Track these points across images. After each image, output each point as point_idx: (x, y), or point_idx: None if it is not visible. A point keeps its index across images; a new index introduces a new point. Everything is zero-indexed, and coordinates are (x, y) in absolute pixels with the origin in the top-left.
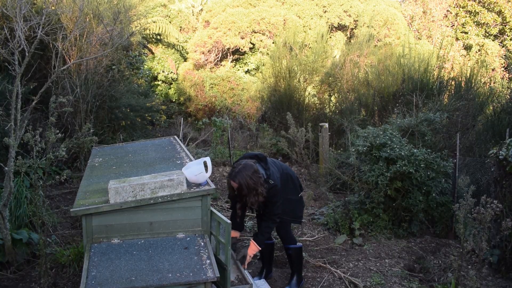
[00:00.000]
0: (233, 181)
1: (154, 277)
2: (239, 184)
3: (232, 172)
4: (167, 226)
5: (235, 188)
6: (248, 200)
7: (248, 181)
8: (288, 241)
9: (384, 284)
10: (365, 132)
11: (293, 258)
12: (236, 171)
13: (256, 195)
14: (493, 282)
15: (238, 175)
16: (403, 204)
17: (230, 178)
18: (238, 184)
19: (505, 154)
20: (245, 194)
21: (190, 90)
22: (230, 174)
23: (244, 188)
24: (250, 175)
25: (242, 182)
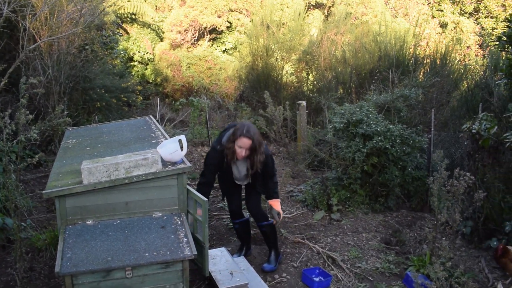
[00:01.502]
0: (249, 138)
1: (131, 257)
2: (254, 140)
3: (242, 130)
4: (143, 205)
5: (248, 146)
6: (256, 158)
7: (258, 137)
8: (260, 219)
9: (361, 258)
10: (342, 109)
11: (268, 235)
12: (247, 129)
13: (261, 153)
14: (466, 253)
15: (251, 131)
16: (380, 179)
17: (245, 135)
18: (252, 140)
19: (477, 128)
20: (256, 151)
21: (166, 70)
22: (242, 132)
23: (256, 144)
24: (258, 132)
25: (255, 138)
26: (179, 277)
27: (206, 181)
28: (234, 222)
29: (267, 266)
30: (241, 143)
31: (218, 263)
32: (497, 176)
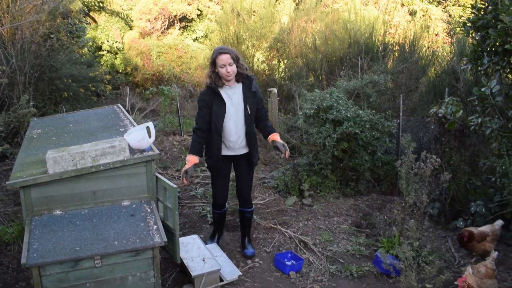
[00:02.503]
0: (225, 53)
1: (100, 246)
2: (230, 52)
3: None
4: (111, 194)
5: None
6: (241, 67)
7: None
8: (249, 205)
9: (333, 241)
10: (312, 96)
11: (248, 221)
12: (220, 47)
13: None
14: (434, 233)
15: (225, 47)
16: (350, 164)
17: (220, 52)
18: (229, 52)
19: (444, 112)
20: (237, 60)
21: (136, 59)
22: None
23: (235, 54)
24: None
25: (232, 50)
26: (149, 264)
27: (198, 127)
28: (216, 211)
29: (249, 251)
30: (221, 61)
31: (190, 250)
32: (463, 159)
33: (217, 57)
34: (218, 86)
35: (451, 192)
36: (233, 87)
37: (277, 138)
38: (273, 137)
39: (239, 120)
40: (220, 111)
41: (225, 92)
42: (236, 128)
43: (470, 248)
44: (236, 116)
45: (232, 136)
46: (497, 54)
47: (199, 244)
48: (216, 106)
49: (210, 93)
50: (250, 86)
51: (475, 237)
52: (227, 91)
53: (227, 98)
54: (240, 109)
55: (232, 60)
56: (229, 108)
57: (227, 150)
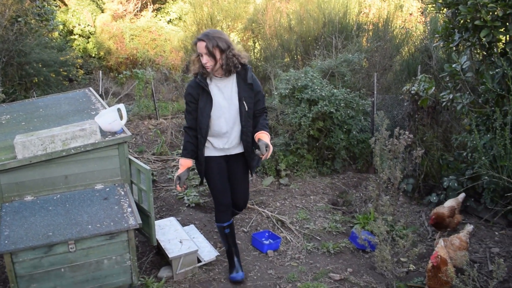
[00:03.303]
0: (201, 40)
1: (73, 230)
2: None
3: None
4: (83, 178)
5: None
6: (230, 56)
7: (215, 36)
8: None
9: (310, 219)
10: (287, 76)
11: None
12: (203, 32)
13: (232, 54)
14: (409, 209)
15: (205, 33)
16: (326, 143)
17: (197, 39)
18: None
19: (416, 89)
20: (220, 50)
21: (109, 43)
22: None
23: (214, 44)
24: (219, 33)
25: (209, 37)
26: (125, 247)
27: (187, 126)
28: (224, 225)
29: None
30: (198, 49)
31: (167, 232)
32: (436, 135)
33: (195, 44)
34: (205, 77)
35: (425, 168)
36: (224, 78)
37: (264, 137)
38: (260, 135)
39: (232, 117)
40: (206, 107)
41: (215, 84)
42: (227, 126)
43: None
44: (228, 112)
45: (221, 136)
46: (467, 30)
47: (176, 226)
48: (202, 101)
49: (197, 85)
50: (245, 77)
51: (445, 215)
52: (218, 83)
53: (217, 91)
54: (234, 104)
55: (207, 51)
56: (219, 102)
57: (215, 151)
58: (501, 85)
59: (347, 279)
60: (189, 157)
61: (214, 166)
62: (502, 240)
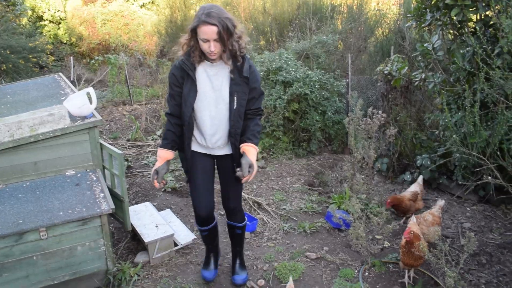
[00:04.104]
0: (210, 24)
1: (44, 217)
2: (219, 23)
3: (200, 17)
4: (54, 164)
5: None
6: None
7: (226, 18)
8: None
9: (286, 200)
10: (261, 58)
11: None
12: (207, 11)
13: (239, 36)
14: (383, 188)
15: (212, 12)
16: (301, 125)
17: (204, 22)
18: (216, 24)
19: (390, 69)
20: (230, 34)
21: (80, 28)
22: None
23: (226, 27)
24: (224, 12)
25: (222, 19)
26: (98, 233)
27: (169, 112)
28: (202, 228)
29: (240, 277)
30: (203, 34)
31: (143, 217)
32: (409, 115)
33: (198, 27)
34: (194, 61)
35: (398, 147)
36: (216, 64)
37: (249, 152)
38: (245, 148)
39: (218, 113)
40: (189, 95)
41: (203, 69)
42: (211, 123)
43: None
44: (215, 106)
45: (205, 132)
46: (438, 10)
47: (151, 211)
48: (186, 87)
49: (182, 74)
50: (241, 68)
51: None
52: (207, 69)
53: (205, 78)
54: (223, 98)
55: (219, 36)
56: (206, 92)
57: (199, 147)
58: (472, 63)
59: (323, 258)
60: (169, 148)
61: (197, 163)
62: (474, 215)
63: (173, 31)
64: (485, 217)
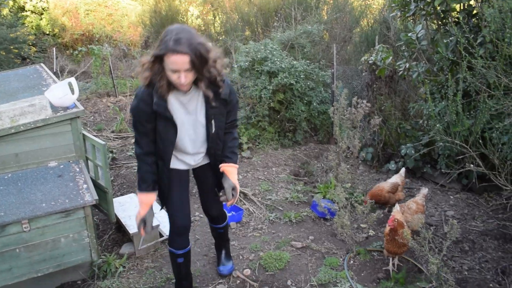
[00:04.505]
0: (181, 53)
1: (26, 209)
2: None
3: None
4: (35, 155)
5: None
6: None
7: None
8: (220, 220)
9: (272, 190)
10: (246, 48)
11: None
12: (176, 37)
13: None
14: (369, 177)
15: (182, 38)
16: (287, 115)
17: (173, 50)
18: (189, 51)
19: (374, 59)
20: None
21: (63, 19)
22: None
23: (199, 55)
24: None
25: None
26: (82, 224)
27: (142, 152)
28: (178, 253)
29: (226, 268)
30: (172, 64)
31: (128, 209)
32: (394, 104)
33: (166, 55)
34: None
35: (383, 136)
36: (189, 92)
37: (230, 173)
38: (226, 169)
39: (198, 136)
40: (168, 132)
41: (175, 98)
42: (193, 146)
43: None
44: (193, 130)
45: (187, 153)
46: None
47: (136, 202)
48: (161, 123)
49: (151, 100)
50: (220, 94)
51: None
52: (180, 97)
53: (178, 107)
54: (200, 122)
55: (191, 65)
56: (182, 120)
57: (178, 162)
58: (455, 53)
59: (309, 247)
60: (150, 190)
61: (174, 177)
62: (457, 203)
63: (158, 21)
64: (468, 205)
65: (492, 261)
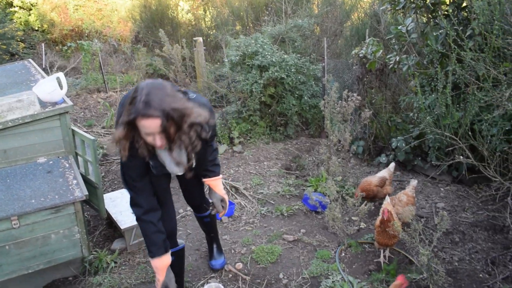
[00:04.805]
0: (152, 117)
1: (16, 206)
2: (162, 115)
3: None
4: (24, 152)
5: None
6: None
7: (171, 104)
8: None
9: (263, 184)
10: (237, 42)
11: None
12: (145, 99)
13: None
14: (360, 170)
15: (152, 101)
16: (278, 109)
17: (143, 115)
18: (159, 116)
19: (365, 52)
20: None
21: (52, 14)
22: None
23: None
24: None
25: (165, 109)
26: (72, 220)
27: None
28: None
29: (218, 262)
30: (144, 127)
31: (119, 204)
32: (384, 98)
33: (137, 120)
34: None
35: (374, 130)
36: None
37: (216, 186)
38: (210, 183)
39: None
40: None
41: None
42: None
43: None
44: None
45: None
46: None
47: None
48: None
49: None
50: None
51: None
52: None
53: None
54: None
55: (163, 129)
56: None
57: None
58: (445, 45)
59: (301, 240)
60: (163, 252)
61: (156, 183)
62: (447, 195)
63: (148, 16)
64: (458, 196)
65: (482, 251)
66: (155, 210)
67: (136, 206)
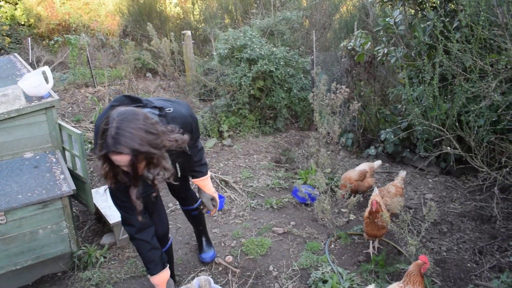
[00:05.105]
0: (117, 152)
1: (2, 201)
2: (132, 152)
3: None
4: (10, 147)
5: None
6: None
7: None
8: (191, 201)
9: (253, 177)
10: (225, 35)
11: (199, 217)
12: (115, 132)
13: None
14: (349, 162)
15: (121, 136)
16: (267, 102)
17: (112, 151)
18: (129, 151)
19: (353, 44)
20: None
21: (38, 8)
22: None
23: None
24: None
25: (134, 144)
26: (60, 215)
27: (136, 230)
28: None
29: (208, 255)
30: (115, 161)
31: (108, 199)
32: (373, 90)
33: (108, 154)
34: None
35: (363, 122)
36: None
37: (205, 186)
38: (200, 184)
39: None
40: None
41: None
42: None
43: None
44: None
45: None
46: None
47: None
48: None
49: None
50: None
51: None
52: None
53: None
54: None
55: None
56: None
57: None
58: (432, 37)
59: (290, 232)
60: (161, 269)
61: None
62: (435, 186)
63: (136, 10)
64: (446, 187)
65: (470, 241)
66: (147, 227)
67: (129, 225)
